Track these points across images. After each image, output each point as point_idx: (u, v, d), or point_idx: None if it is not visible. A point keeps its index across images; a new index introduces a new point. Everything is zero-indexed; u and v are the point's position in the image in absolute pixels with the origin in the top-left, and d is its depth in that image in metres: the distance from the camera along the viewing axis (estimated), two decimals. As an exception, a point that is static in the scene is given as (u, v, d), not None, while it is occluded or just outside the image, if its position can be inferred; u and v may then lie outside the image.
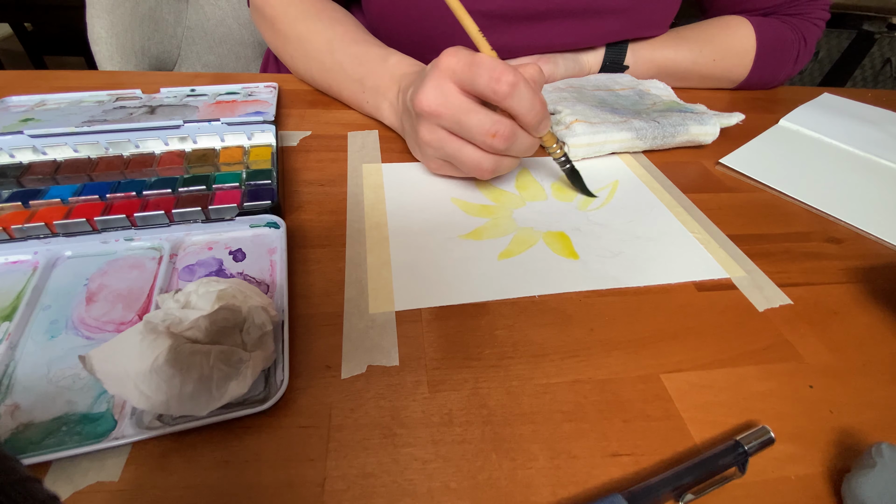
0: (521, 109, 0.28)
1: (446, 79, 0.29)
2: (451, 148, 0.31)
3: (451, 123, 0.30)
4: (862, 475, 0.19)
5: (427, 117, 0.31)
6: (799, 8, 0.54)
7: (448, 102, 0.29)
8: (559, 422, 0.22)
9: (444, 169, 0.35)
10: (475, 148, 0.31)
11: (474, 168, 0.31)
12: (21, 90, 0.42)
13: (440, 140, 0.31)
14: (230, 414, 0.20)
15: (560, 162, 0.35)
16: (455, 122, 0.30)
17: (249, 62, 0.76)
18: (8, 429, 0.19)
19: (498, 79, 0.27)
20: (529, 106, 0.29)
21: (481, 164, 0.31)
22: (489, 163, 0.31)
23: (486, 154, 0.31)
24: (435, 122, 0.31)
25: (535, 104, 0.29)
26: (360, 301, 0.26)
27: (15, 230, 0.27)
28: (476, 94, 0.29)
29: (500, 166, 0.32)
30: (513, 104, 0.28)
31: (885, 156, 0.45)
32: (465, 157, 0.31)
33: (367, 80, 0.40)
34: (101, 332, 0.23)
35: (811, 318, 0.28)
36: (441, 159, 0.33)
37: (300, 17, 0.44)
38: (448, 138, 0.31)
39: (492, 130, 0.29)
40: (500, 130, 0.29)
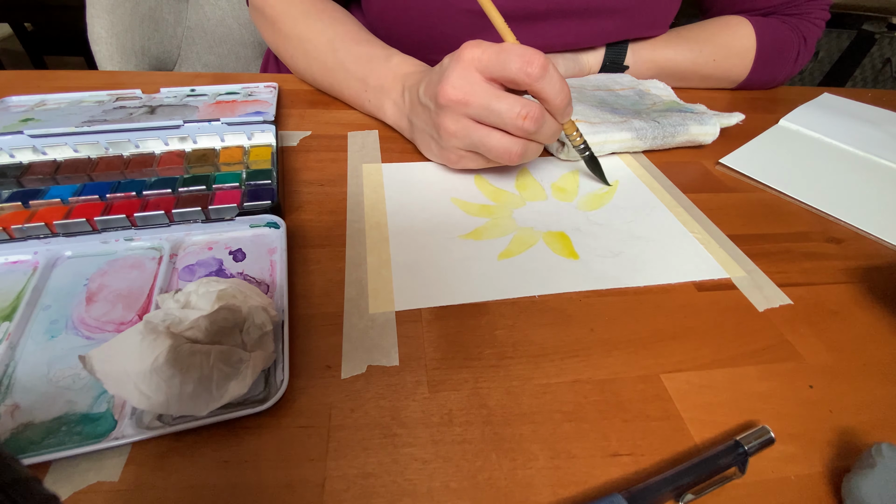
0: (552, 92, 0.29)
1: (471, 69, 0.30)
2: (478, 135, 0.32)
3: (479, 110, 0.31)
4: (862, 475, 0.19)
5: (454, 107, 0.31)
6: (799, 8, 0.54)
7: (475, 90, 0.30)
8: (559, 422, 0.22)
9: (466, 160, 0.35)
10: (503, 134, 0.31)
11: (504, 153, 0.32)
12: (21, 90, 0.42)
13: (466, 128, 0.32)
14: (230, 414, 0.20)
15: (580, 150, 0.36)
16: (484, 108, 0.30)
17: (249, 62, 0.76)
18: (8, 429, 0.19)
19: (530, 61, 0.29)
20: (559, 88, 0.30)
21: (511, 148, 0.31)
22: (519, 147, 0.32)
23: (514, 139, 0.31)
24: (462, 111, 0.31)
25: (564, 87, 0.30)
26: (360, 301, 0.26)
27: (15, 230, 0.27)
28: (506, 80, 0.30)
29: (528, 151, 0.32)
30: (544, 86, 0.29)
31: (885, 156, 0.45)
32: (494, 143, 0.32)
33: (370, 78, 0.40)
34: (101, 332, 0.23)
35: (811, 318, 0.28)
36: (465, 149, 0.34)
37: (301, 16, 0.44)
38: (474, 126, 0.32)
39: (522, 113, 0.30)
40: (530, 112, 0.30)
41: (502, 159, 0.33)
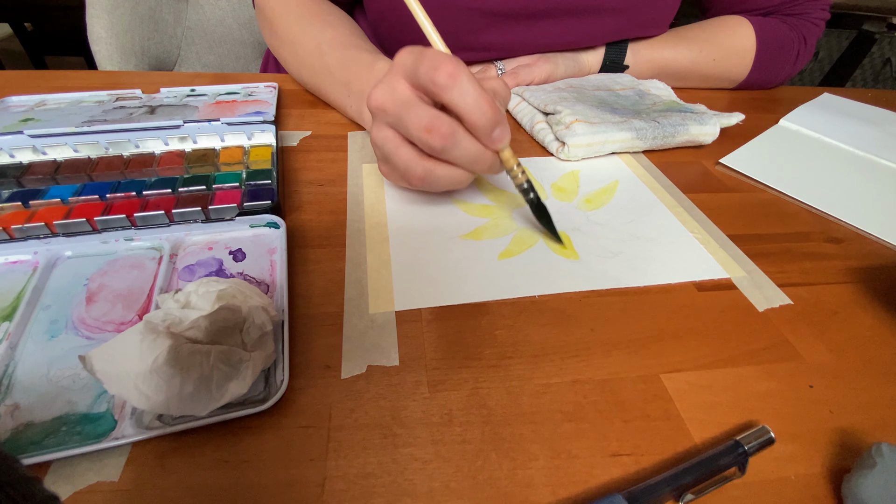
0: (463, 105, 0.26)
1: (398, 75, 0.27)
2: (388, 146, 0.28)
3: (394, 119, 0.28)
4: (862, 475, 0.19)
5: (377, 113, 0.28)
6: (799, 8, 0.54)
7: (394, 97, 0.27)
8: (559, 422, 0.22)
9: (391, 175, 0.31)
10: (411, 149, 0.28)
11: (403, 171, 0.29)
12: (21, 90, 0.42)
13: (383, 139, 0.29)
14: (230, 414, 0.20)
15: (521, 189, 0.31)
16: (397, 116, 0.27)
17: (249, 62, 0.76)
18: (8, 429, 0.19)
19: (437, 67, 0.25)
20: (473, 103, 0.25)
21: (409, 166, 0.28)
22: (420, 168, 0.28)
23: (418, 159, 0.28)
24: (383, 118, 0.28)
25: (481, 103, 0.26)
26: (360, 301, 0.26)
27: (15, 230, 0.27)
28: (419, 87, 0.27)
29: (433, 174, 0.28)
30: (453, 97, 0.25)
31: (885, 156, 0.45)
32: (397, 159, 0.28)
33: (353, 84, 0.39)
34: (101, 332, 0.23)
35: (811, 318, 0.28)
36: (384, 162, 0.31)
37: (295, 19, 0.43)
38: (390, 136, 0.28)
39: (428, 125, 0.26)
40: (436, 125, 0.26)
41: (402, 180, 0.29)
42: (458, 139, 0.27)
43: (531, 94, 0.45)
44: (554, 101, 0.43)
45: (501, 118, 0.27)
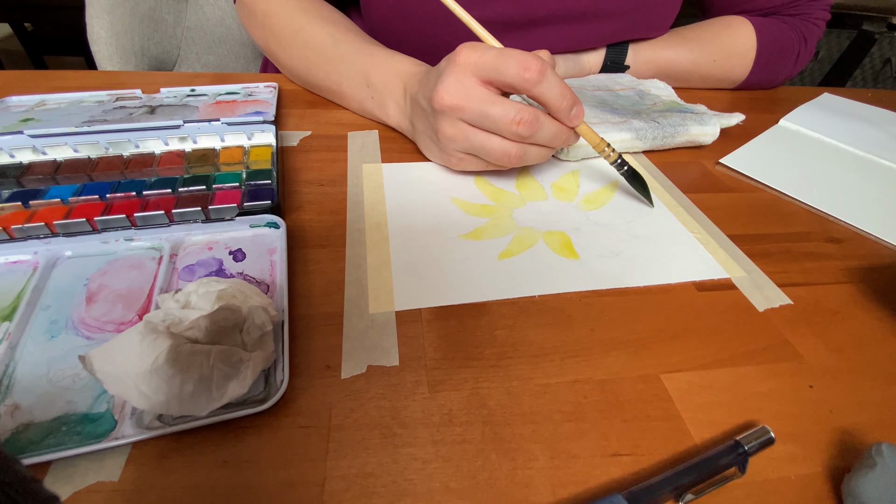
0: (551, 96, 0.29)
1: (467, 73, 0.30)
2: (476, 139, 0.32)
3: (474, 116, 0.31)
4: (862, 475, 0.19)
5: (449, 112, 0.31)
6: (799, 8, 0.54)
7: (470, 95, 0.30)
8: (559, 422, 0.22)
9: (466, 162, 0.35)
10: (501, 138, 0.31)
11: (502, 156, 0.32)
12: (21, 90, 0.42)
13: (464, 133, 0.32)
14: (230, 414, 0.20)
15: (617, 165, 0.35)
16: (479, 113, 0.30)
17: (249, 62, 0.76)
18: (8, 429, 0.19)
19: (527, 67, 0.28)
20: (559, 92, 0.29)
21: (509, 151, 0.32)
22: (516, 149, 0.32)
23: (512, 143, 0.31)
24: (458, 115, 0.31)
25: (564, 90, 0.30)
26: (360, 301, 0.26)
27: (15, 230, 0.27)
28: (503, 85, 0.30)
29: (528, 154, 0.32)
30: (543, 91, 0.29)
31: (885, 156, 0.45)
32: (492, 147, 0.32)
33: (373, 74, 0.39)
34: (101, 332, 0.23)
35: (811, 318, 0.28)
36: (464, 152, 0.34)
37: (297, 12, 0.43)
38: (472, 131, 0.32)
39: (517, 118, 0.30)
40: (524, 117, 0.30)
41: (502, 162, 0.33)
42: (542, 124, 0.30)
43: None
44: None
45: (577, 99, 0.31)
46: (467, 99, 0.30)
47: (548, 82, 0.29)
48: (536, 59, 0.29)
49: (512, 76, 0.29)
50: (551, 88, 0.29)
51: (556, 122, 0.31)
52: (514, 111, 0.30)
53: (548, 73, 0.29)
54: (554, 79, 0.29)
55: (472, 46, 0.30)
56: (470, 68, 0.30)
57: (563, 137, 0.32)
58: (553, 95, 0.29)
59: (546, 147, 0.33)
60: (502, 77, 0.29)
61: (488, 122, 0.31)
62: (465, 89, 0.30)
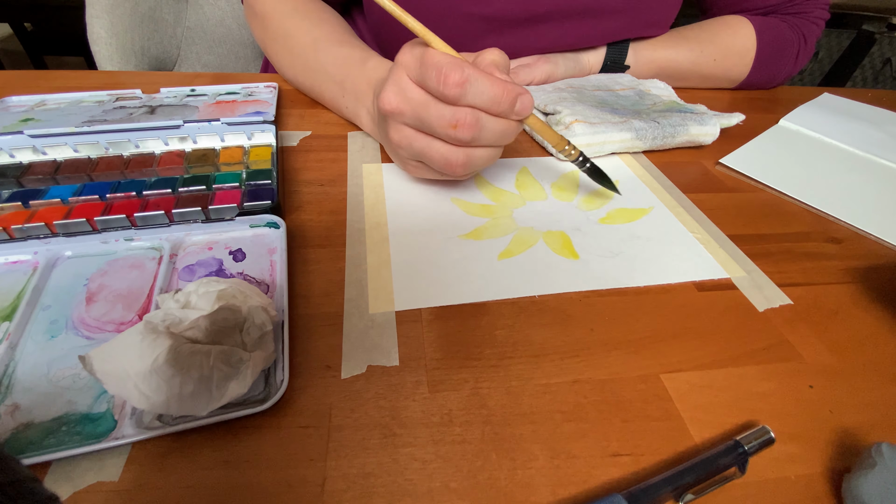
0: (484, 101, 0.27)
1: (404, 75, 0.28)
2: (418, 146, 0.29)
3: (413, 120, 0.28)
4: (862, 475, 0.19)
5: (391, 116, 0.29)
6: (799, 7, 0.54)
7: (407, 98, 0.28)
8: (559, 422, 0.22)
9: (421, 171, 0.33)
10: (443, 143, 0.29)
11: (444, 165, 0.29)
12: (21, 90, 0.42)
13: (408, 139, 0.29)
14: (230, 414, 0.20)
15: (578, 163, 0.34)
16: (416, 117, 0.28)
17: (249, 62, 0.76)
18: (8, 429, 0.19)
19: (445, 81, 0.26)
20: (490, 98, 0.26)
21: (450, 158, 0.29)
22: (458, 156, 0.29)
23: (455, 148, 0.29)
24: (399, 120, 0.29)
25: (496, 93, 0.26)
26: (360, 301, 0.26)
27: (15, 230, 0.27)
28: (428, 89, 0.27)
29: (473, 160, 0.29)
30: (471, 101, 0.26)
31: (885, 156, 0.45)
32: (433, 154, 0.29)
33: (347, 82, 0.39)
34: (101, 332, 0.23)
35: (811, 318, 0.28)
36: (412, 159, 0.31)
37: (288, 14, 0.43)
38: (415, 136, 0.29)
39: (452, 121, 0.27)
40: (461, 120, 0.27)
41: (444, 170, 0.30)
42: (484, 124, 0.27)
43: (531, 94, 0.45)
44: (554, 102, 0.43)
45: (516, 91, 0.27)
46: (405, 102, 0.28)
47: (473, 91, 0.26)
48: (456, 70, 0.25)
49: (432, 89, 0.27)
50: (479, 96, 0.26)
51: (500, 119, 0.28)
52: (449, 114, 0.27)
53: (469, 84, 0.26)
54: (480, 85, 0.26)
55: (409, 47, 0.28)
56: (405, 70, 0.28)
57: (512, 134, 0.29)
58: (484, 102, 0.27)
59: (495, 148, 0.30)
60: (426, 86, 0.27)
61: (426, 126, 0.28)
62: (402, 92, 0.28)
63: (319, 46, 0.41)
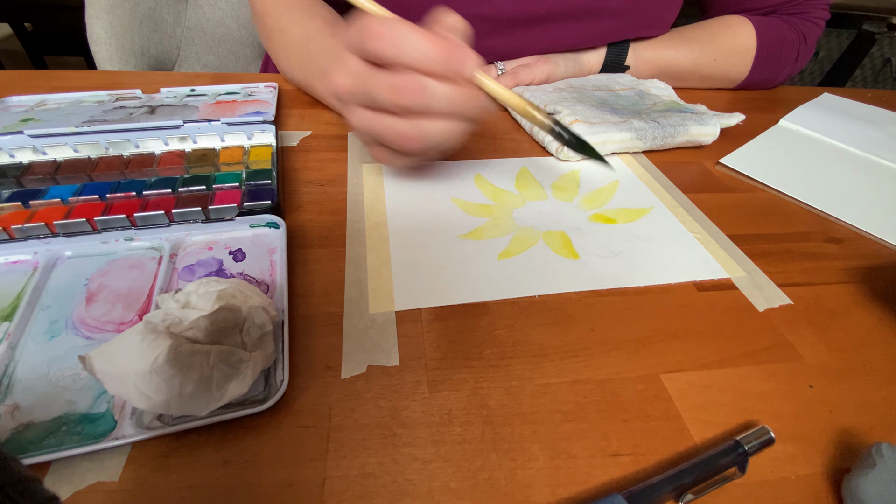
0: (406, 58, 0.24)
1: (347, 52, 0.26)
2: (370, 123, 0.27)
3: (361, 96, 0.26)
4: (862, 475, 0.19)
5: (344, 97, 0.27)
6: (799, 7, 0.54)
7: (350, 73, 0.26)
8: (559, 422, 0.22)
9: (385, 155, 0.30)
10: (395, 118, 0.27)
11: (398, 139, 0.27)
12: (21, 90, 0.42)
13: (361, 120, 0.27)
14: (230, 414, 0.20)
15: (555, 134, 0.30)
16: (363, 92, 0.26)
17: (249, 62, 0.76)
18: (8, 429, 0.19)
19: (365, 35, 0.24)
20: (427, 56, 0.24)
21: (402, 132, 0.26)
22: (410, 129, 0.26)
23: (405, 121, 0.26)
24: (351, 101, 0.27)
25: (422, 44, 0.24)
26: (360, 301, 0.26)
27: (15, 230, 0.27)
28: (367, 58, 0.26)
29: (429, 133, 0.27)
30: (392, 55, 0.24)
31: (885, 156, 0.45)
32: (386, 130, 0.27)
33: None
34: (101, 332, 0.23)
35: (811, 318, 0.28)
36: (375, 144, 0.29)
37: (284, 9, 0.43)
38: (366, 114, 0.27)
39: (394, 86, 0.25)
40: (401, 84, 0.25)
41: (400, 146, 0.28)
42: (430, 88, 0.25)
43: (531, 94, 0.45)
44: (554, 102, 0.43)
45: (454, 46, 0.25)
46: (349, 77, 0.26)
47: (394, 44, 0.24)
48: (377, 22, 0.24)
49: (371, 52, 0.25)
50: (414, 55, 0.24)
51: (448, 83, 0.25)
52: (390, 79, 0.25)
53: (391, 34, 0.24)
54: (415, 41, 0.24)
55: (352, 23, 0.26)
56: (348, 46, 0.26)
57: (465, 99, 0.26)
58: (422, 61, 0.24)
59: (454, 118, 0.27)
60: (366, 53, 0.25)
61: (371, 99, 0.26)
62: (346, 69, 0.26)
63: (312, 38, 0.40)
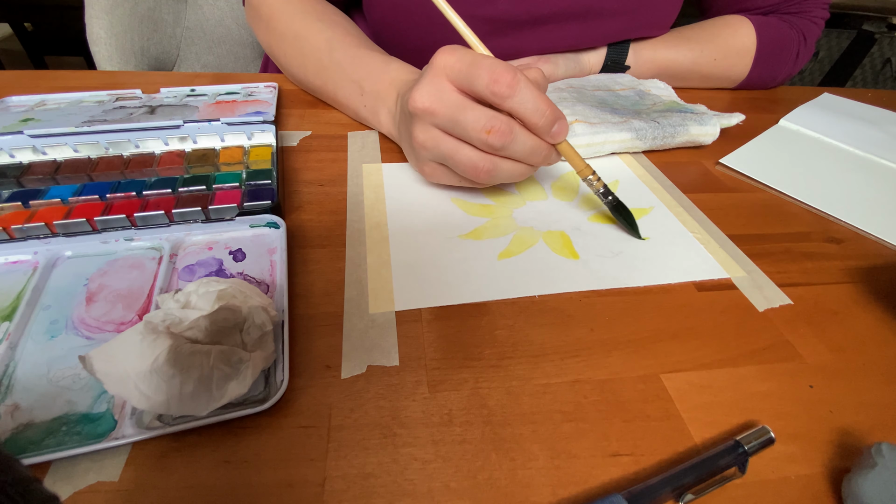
0: (524, 111, 0.28)
1: (442, 77, 0.28)
2: (446, 147, 0.30)
3: (445, 121, 0.29)
4: (862, 475, 0.19)
5: (421, 115, 0.29)
6: (799, 6, 0.54)
7: (443, 99, 0.28)
8: (559, 422, 0.22)
9: (439, 174, 0.33)
10: (472, 148, 0.29)
11: (470, 168, 0.30)
12: (21, 90, 0.42)
13: (434, 139, 0.30)
14: (230, 414, 0.20)
15: (600, 195, 0.33)
16: (450, 119, 0.28)
17: (248, 62, 0.76)
18: (8, 429, 0.19)
19: (497, 80, 0.26)
20: (533, 108, 0.27)
21: (477, 164, 0.29)
22: (486, 163, 0.29)
23: (483, 154, 0.29)
24: (430, 120, 0.29)
25: (540, 105, 0.27)
26: (360, 301, 0.26)
27: (15, 230, 0.27)
28: (475, 94, 0.28)
29: (499, 169, 0.30)
30: (514, 105, 0.27)
31: (885, 156, 0.45)
32: (461, 157, 0.30)
33: (366, 82, 0.39)
34: (101, 332, 0.23)
35: (811, 318, 0.28)
36: (436, 161, 0.32)
37: (298, 15, 0.43)
38: (443, 137, 0.30)
39: (487, 126, 0.28)
40: (496, 126, 0.27)
41: (469, 175, 0.30)
42: (517, 136, 0.28)
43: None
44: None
45: (559, 115, 0.28)
46: (439, 102, 0.28)
47: (520, 97, 0.27)
48: (509, 72, 0.26)
49: (481, 88, 0.27)
50: (524, 103, 0.27)
51: (533, 136, 0.29)
52: (485, 118, 0.28)
53: (520, 87, 0.27)
54: (528, 93, 0.27)
55: (451, 50, 0.28)
56: (445, 72, 0.28)
57: (541, 154, 0.30)
58: (527, 111, 0.27)
59: (522, 163, 0.30)
60: (473, 87, 0.27)
61: (459, 128, 0.28)
62: (438, 93, 0.28)
63: (334, 46, 0.41)
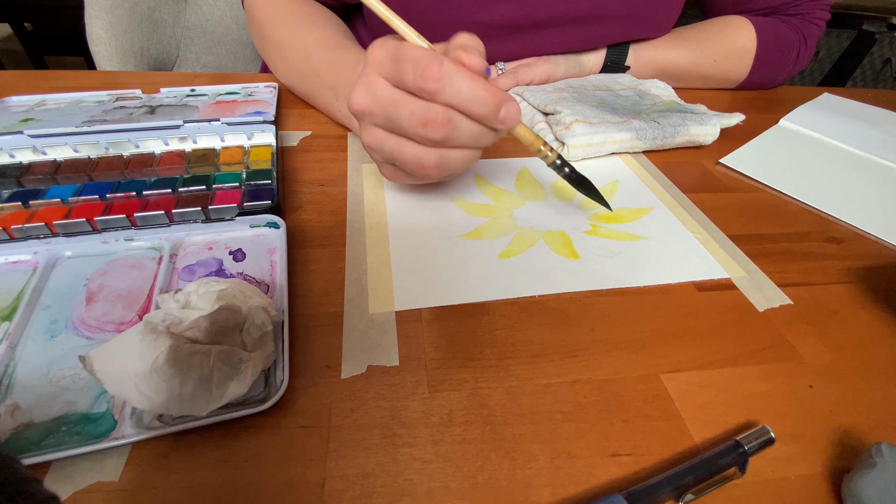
0: (460, 103, 0.25)
1: (375, 73, 0.26)
2: (388, 147, 0.28)
3: (383, 120, 0.27)
4: (862, 475, 0.19)
5: (361, 116, 0.27)
6: (799, 8, 0.54)
7: (377, 97, 0.26)
8: (559, 422, 0.22)
9: (395, 174, 0.31)
10: (415, 144, 0.27)
11: (416, 166, 0.28)
12: (21, 90, 0.42)
13: (378, 140, 0.28)
14: (230, 414, 0.20)
15: (555, 167, 0.31)
16: (386, 117, 0.26)
17: (248, 62, 0.76)
18: (8, 429, 0.19)
19: (422, 74, 0.24)
20: (469, 97, 0.25)
21: (422, 160, 0.27)
22: (431, 157, 0.27)
23: (425, 149, 0.27)
24: (370, 120, 0.27)
25: (477, 93, 0.25)
26: (360, 301, 0.26)
27: (15, 230, 0.27)
28: (401, 86, 0.26)
29: (447, 161, 0.27)
30: (447, 99, 0.25)
31: (885, 156, 0.45)
32: (404, 156, 0.27)
33: (340, 87, 0.37)
34: (101, 332, 0.23)
35: (811, 318, 0.28)
36: (386, 162, 0.30)
37: (282, 21, 0.43)
38: (386, 137, 0.28)
39: (423, 119, 0.25)
40: (432, 118, 0.25)
41: (416, 172, 0.28)
42: (458, 124, 0.26)
43: (531, 94, 0.45)
44: (554, 102, 0.43)
45: (502, 98, 0.25)
46: (374, 101, 0.26)
47: (451, 88, 0.24)
48: (434, 62, 0.24)
49: (409, 83, 0.25)
50: (457, 95, 0.24)
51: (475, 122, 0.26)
52: (420, 112, 0.25)
53: (448, 78, 0.24)
54: (461, 82, 0.24)
55: (381, 43, 0.26)
56: (376, 68, 0.26)
57: (490, 136, 0.27)
58: (463, 102, 0.25)
59: (470, 149, 0.28)
60: (402, 82, 0.25)
61: (397, 126, 0.26)
62: (371, 91, 0.26)
63: (310, 52, 0.40)
